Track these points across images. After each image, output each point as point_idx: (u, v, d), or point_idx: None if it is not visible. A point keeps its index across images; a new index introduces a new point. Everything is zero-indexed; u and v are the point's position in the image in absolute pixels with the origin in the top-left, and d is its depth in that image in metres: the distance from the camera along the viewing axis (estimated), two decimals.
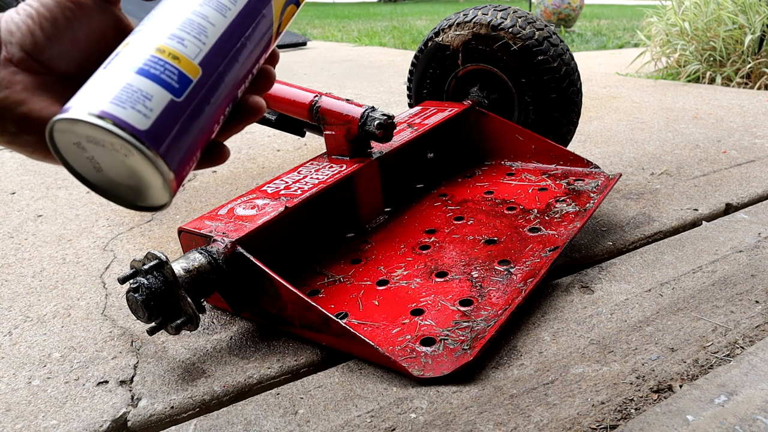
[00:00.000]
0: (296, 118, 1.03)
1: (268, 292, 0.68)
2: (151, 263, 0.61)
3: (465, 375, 0.62)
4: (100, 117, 0.30)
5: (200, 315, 0.66)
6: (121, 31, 0.39)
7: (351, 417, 0.58)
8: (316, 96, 0.96)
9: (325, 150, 0.96)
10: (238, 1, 0.36)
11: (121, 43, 0.34)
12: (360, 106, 0.92)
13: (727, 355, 0.64)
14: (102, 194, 0.35)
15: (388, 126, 0.90)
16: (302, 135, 1.13)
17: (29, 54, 0.35)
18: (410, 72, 1.26)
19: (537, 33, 1.06)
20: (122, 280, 0.62)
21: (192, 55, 0.33)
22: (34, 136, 0.35)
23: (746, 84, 2.37)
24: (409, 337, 0.67)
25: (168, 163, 0.32)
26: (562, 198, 0.97)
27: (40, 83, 0.36)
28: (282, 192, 0.83)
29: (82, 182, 0.34)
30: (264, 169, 1.45)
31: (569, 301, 0.77)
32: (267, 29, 0.38)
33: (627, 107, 1.98)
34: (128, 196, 0.34)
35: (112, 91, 0.31)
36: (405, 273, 0.80)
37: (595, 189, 0.98)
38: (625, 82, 2.49)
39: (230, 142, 1.65)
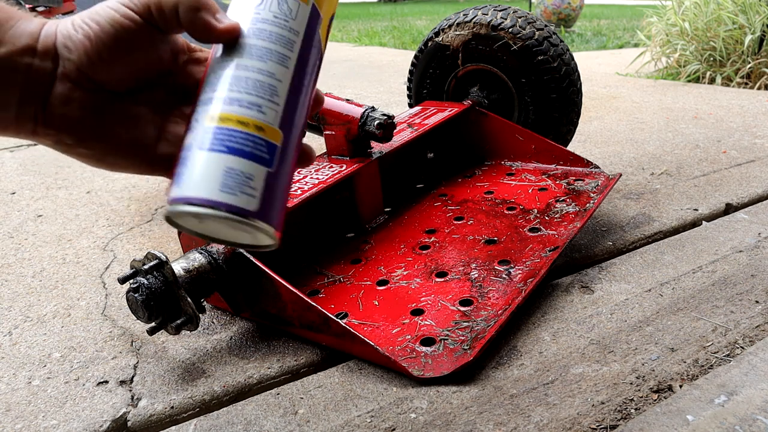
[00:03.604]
0: None
1: (268, 292, 0.68)
2: (151, 263, 0.61)
3: (465, 375, 0.62)
4: (213, 207, 0.33)
5: (200, 315, 0.66)
6: (176, 54, 0.39)
7: (351, 417, 0.58)
8: None
9: (325, 150, 0.96)
10: (293, 45, 0.37)
11: (198, 111, 0.36)
12: (360, 106, 0.92)
13: (727, 355, 0.64)
14: (214, 241, 0.39)
15: (388, 126, 0.90)
16: None
17: (85, 73, 0.36)
18: (410, 72, 1.26)
19: (537, 33, 1.06)
20: (122, 280, 0.62)
21: (272, 120, 0.35)
22: (90, 150, 0.37)
23: (746, 84, 2.37)
24: (409, 337, 0.67)
25: (275, 226, 0.36)
26: (562, 198, 0.97)
27: (95, 100, 0.36)
28: None
29: (196, 236, 0.38)
30: None
31: (569, 301, 0.77)
32: (318, 57, 0.39)
33: (627, 107, 1.98)
34: (238, 242, 0.38)
35: (217, 178, 0.34)
36: (405, 273, 0.80)
37: (595, 189, 0.98)
38: (625, 82, 2.49)
39: None
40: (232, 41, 0.36)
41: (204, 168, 0.34)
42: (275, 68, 0.36)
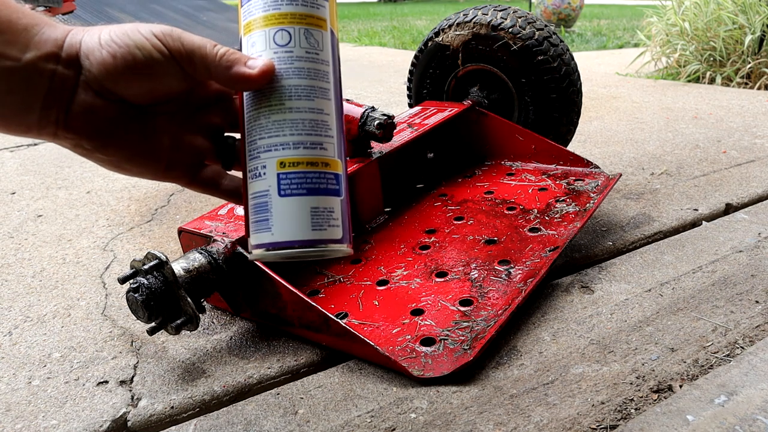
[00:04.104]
0: None
1: (269, 292, 0.68)
2: (151, 263, 0.61)
3: (465, 375, 0.62)
4: (311, 245, 0.36)
5: (200, 315, 0.66)
6: (190, 85, 0.40)
7: (351, 417, 0.58)
8: None
9: None
10: (328, 76, 0.39)
11: (260, 156, 0.38)
12: (360, 106, 0.92)
13: (727, 355, 0.64)
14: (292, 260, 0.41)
15: (388, 126, 0.90)
16: None
17: (106, 87, 0.37)
18: (410, 72, 1.26)
19: (537, 33, 1.06)
20: (122, 280, 0.62)
21: (333, 153, 0.38)
22: (107, 156, 0.39)
23: (746, 84, 2.37)
24: (409, 337, 0.67)
25: (351, 241, 0.39)
26: (562, 198, 0.97)
27: (115, 109, 0.38)
28: None
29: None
30: None
31: (569, 301, 0.77)
32: (340, 74, 0.42)
33: (627, 107, 1.98)
34: (316, 259, 0.41)
35: (306, 219, 0.37)
36: (405, 273, 0.80)
37: (595, 189, 0.98)
38: (625, 82, 2.49)
39: None
40: (268, 81, 0.38)
41: (292, 212, 0.37)
42: (323, 104, 0.38)
